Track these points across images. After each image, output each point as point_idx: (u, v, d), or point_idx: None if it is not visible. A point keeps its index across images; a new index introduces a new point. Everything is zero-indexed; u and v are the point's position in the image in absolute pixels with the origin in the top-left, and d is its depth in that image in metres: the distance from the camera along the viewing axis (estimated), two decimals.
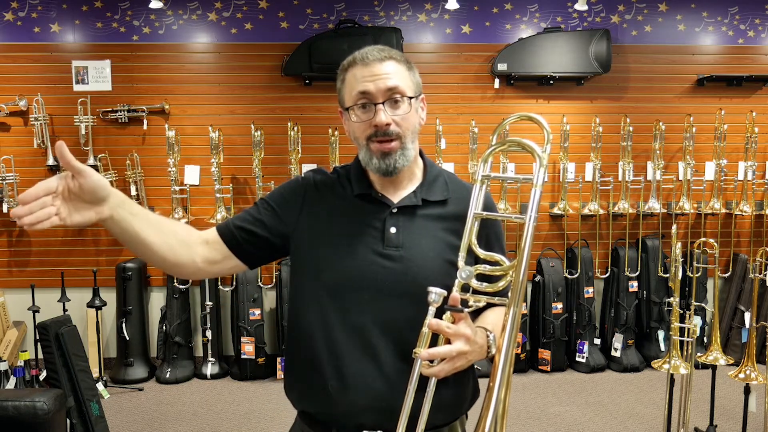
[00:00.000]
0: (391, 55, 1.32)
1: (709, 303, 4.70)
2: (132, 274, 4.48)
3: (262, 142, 4.54)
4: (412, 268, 1.28)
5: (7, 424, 2.40)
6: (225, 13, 4.66)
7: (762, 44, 4.90)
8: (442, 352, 1.13)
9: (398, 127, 1.30)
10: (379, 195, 1.35)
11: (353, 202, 1.36)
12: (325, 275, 1.31)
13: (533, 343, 4.68)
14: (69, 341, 3.16)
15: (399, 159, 1.31)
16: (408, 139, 1.32)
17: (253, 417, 3.84)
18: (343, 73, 1.35)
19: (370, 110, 1.30)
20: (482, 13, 4.76)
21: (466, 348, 1.14)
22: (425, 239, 1.31)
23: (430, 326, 1.14)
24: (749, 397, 3.06)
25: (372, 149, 1.31)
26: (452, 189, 1.39)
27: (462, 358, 1.14)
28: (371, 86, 1.28)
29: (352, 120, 1.32)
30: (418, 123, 1.36)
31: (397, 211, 1.33)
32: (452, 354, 1.13)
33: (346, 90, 1.34)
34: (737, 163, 4.85)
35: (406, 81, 1.32)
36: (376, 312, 1.27)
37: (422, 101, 1.39)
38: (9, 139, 4.60)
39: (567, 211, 4.73)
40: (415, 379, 1.14)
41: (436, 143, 4.62)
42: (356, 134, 1.34)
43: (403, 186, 1.37)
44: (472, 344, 1.15)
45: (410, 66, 1.35)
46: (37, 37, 4.59)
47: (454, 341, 1.14)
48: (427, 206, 1.35)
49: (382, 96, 1.28)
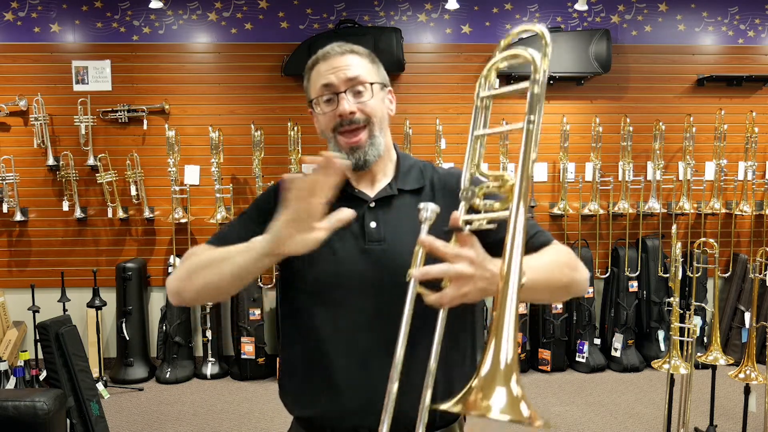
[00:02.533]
0: (352, 49, 1.33)
1: (709, 303, 4.70)
2: (132, 274, 4.48)
3: (262, 142, 4.54)
4: (396, 261, 1.22)
5: (7, 424, 2.40)
6: (225, 13, 4.66)
7: (762, 44, 4.90)
8: (437, 269, 0.98)
9: (363, 114, 1.29)
10: (356, 190, 1.34)
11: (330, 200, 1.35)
12: (310, 277, 1.29)
13: (533, 343, 4.68)
14: (69, 341, 3.16)
15: (369, 150, 1.29)
16: (376, 128, 1.30)
17: (253, 417, 3.84)
18: (308, 72, 1.36)
19: (333, 102, 1.30)
20: (482, 13, 4.76)
21: (469, 270, 0.97)
22: (406, 229, 1.27)
23: (422, 242, 1.00)
24: (749, 397, 3.06)
25: (340, 143, 1.30)
26: (427, 176, 1.37)
27: (468, 283, 0.97)
28: (333, 77, 1.29)
29: (317, 113, 1.33)
30: (386, 113, 1.34)
31: (375, 205, 1.32)
32: (451, 273, 0.97)
33: (311, 86, 1.35)
34: (737, 163, 4.85)
35: (369, 72, 1.32)
36: (364, 310, 1.25)
37: (390, 93, 1.38)
38: (9, 139, 4.60)
39: (567, 211, 4.73)
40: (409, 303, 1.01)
41: (436, 143, 4.62)
42: (323, 128, 1.33)
43: (378, 179, 1.36)
44: (478, 268, 0.98)
45: (374, 59, 1.35)
46: (37, 37, 4.59)
47: (456, 263, 0.98)
48: (403, 195, 1.33)
49: (344, 85, 1.28)
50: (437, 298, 0.98)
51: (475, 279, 0.98)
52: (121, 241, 4.72)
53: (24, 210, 4.62)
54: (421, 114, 4.65)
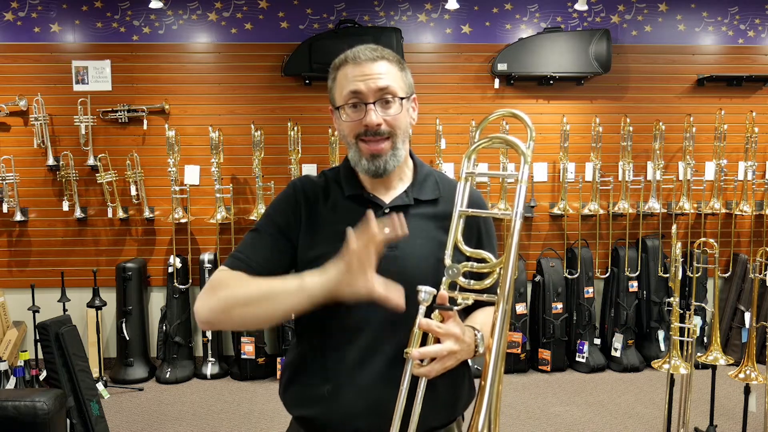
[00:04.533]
0: (383, 55, 1.31)
1: (709, 303, 4.70)
2: (132, 274, 4.48)
3: (262, 142, 4.54)
4: (407, 269, 1.26)
5: (7, 424, 2.40)
6: (225, 13, 4.66)
7: (762, 44, 4.90)
8: (432, 351, 1.13)
9: (389, 127, 1.29)
10: (371, 195, 1.34)
11: (345, 204, 1.34)
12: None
13: (533, 343, 4.68)
14: (69, 341, 3.16)
15: (390, 160, 1.30)
16: (399, 140, 1.31)
17: (253, 417, 3.84)
18: (335, 71, 1.33)
19: (360, 110, 1.28)
20: (482, 13, 4.76)
21: (455, 347, 1.14)
22: (419, 239, 1.29)
23: (420, 326, 1.14)
24: (749, 397, 3.06)
25: (361, 150, 1.30)
26: (443, 188, 1.38)
27: (452, 357, 1.14)
28: (362, 86, 1.27)
29: (343, 119, 1.31)
30: (408, 123, 1.35)
31: (390, 212, 1.32)
32: (442, 353, 1.13)
33: (337, 89, 1.32)
34: (737, 163, 4.85)
35: (398, 81, 1.30)
36: (371, 314, 1.25)
37: (414, 101, 1.38)
38: (9, 139, 4.60)
39: (567, 211, 4.73)
40: (407, 379, 1.14)
41: (436, 143, 4.62)
42: (345, 133, 1.32)
43: (394, 186, 1.36)
44: (461, 343, 1.15)
45: (402, 66, 1.34)
46: (37, 37, 4.59)
47: (444, 341, 1.14)
48: (419, 206, 1.34)
49: (373, 96, 1.27)
50: (426, 372, 1.13)
51: (457, 353, 1.15)
52: (121, 241, 4.72)
53: (24, 210, 4.62)
54: (421, 114, 4.58)
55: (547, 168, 4.83)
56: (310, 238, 1.33)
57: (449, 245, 1.22)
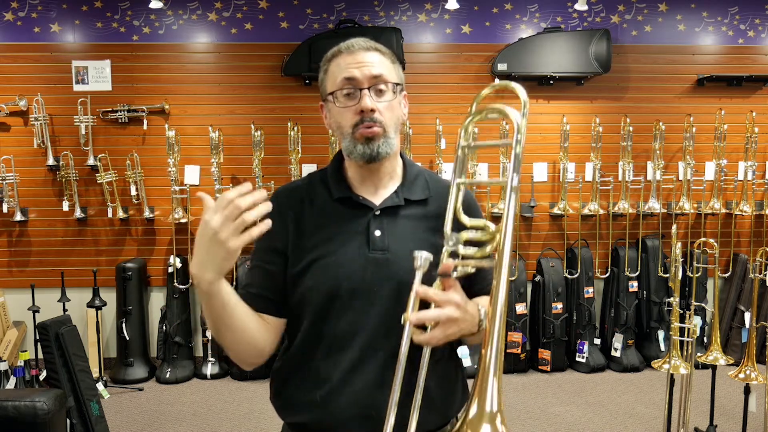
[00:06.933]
0: (376, 46, 1.31)
1: (709, 303, 4.70)
2: (132, 274, 4.48)
3: (262, 142, 4.54)
4: (398, 272, 1.24)
5: (7, 424, 2.40)
6: (225, 13, 4.66)
7: (762, 44, 4.90)
8: (431, 316, 1.10)
9: (382, 116, 1.28)
10: (360, 198, 1.32)
11: (334, 207, 1.32)
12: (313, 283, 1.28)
13: (533, 343, 4.68)
14: (69, 341, 3.16)
15: (382, 145, 1.27)
16: (391, 129, 1.30)
17: (253, 417, 3.84)
18: (327, 63, 1.32)
19: (354, 97, 1.27)
20: (482, 13, 4.76)
21: (456, 314, 1.11)
22: (410, 240, 1.28)
23: (418, 293, 1.12)
24: (749, 397, 3.06)
25: (356, 136, 1.27)
26: (432, 187, 1.37)
27: (453, 324, 1.11)
28: (357, 72, 1.26)
29: (336, 106, 1.29)
30: (400, 116, 1.34)
31: (380, 213, 1.30)
32: (442, 318, 1.10)
33: (329, 79, 1.30)
34: (737, 163, 4.85)
35: (390, 72, 1.30)
36: (364, 317, 1.24)
37: (404, 98, 1.37)
38: (9, 139, 4.60)
39: (567, 211, 4.73)
40: (405, 344, 1.10)
41: (436, 143, 4.62)
42: (340, 122, 1.29)
43: (383, 184, 1.34)
44: (462, 312, 1.12)
45: (394, 60, 1.34)
46: (37, 37, 4.59)
47: (444, 307, 1.11)
48: (409, 206, 1.33)
49: (368, 82, 1.26)
50: (427, 339, 1.10)
51: (459, 321, 1.12)
52: (121, 241, 4.72)
53: (24, 210, 4.62)
54: (421, 114, 4.65)
55: (547, 168, 4.83)
56: (300, 245, 1.31)
57: (448, 216, 1.20)
